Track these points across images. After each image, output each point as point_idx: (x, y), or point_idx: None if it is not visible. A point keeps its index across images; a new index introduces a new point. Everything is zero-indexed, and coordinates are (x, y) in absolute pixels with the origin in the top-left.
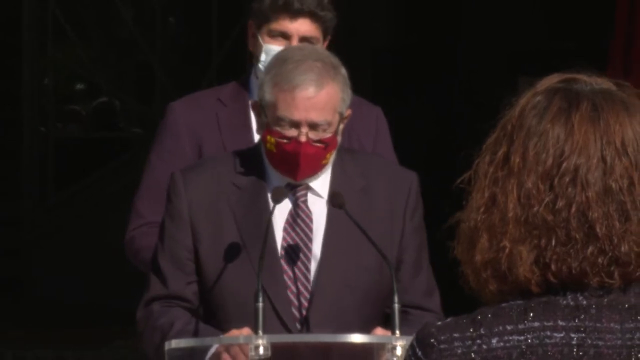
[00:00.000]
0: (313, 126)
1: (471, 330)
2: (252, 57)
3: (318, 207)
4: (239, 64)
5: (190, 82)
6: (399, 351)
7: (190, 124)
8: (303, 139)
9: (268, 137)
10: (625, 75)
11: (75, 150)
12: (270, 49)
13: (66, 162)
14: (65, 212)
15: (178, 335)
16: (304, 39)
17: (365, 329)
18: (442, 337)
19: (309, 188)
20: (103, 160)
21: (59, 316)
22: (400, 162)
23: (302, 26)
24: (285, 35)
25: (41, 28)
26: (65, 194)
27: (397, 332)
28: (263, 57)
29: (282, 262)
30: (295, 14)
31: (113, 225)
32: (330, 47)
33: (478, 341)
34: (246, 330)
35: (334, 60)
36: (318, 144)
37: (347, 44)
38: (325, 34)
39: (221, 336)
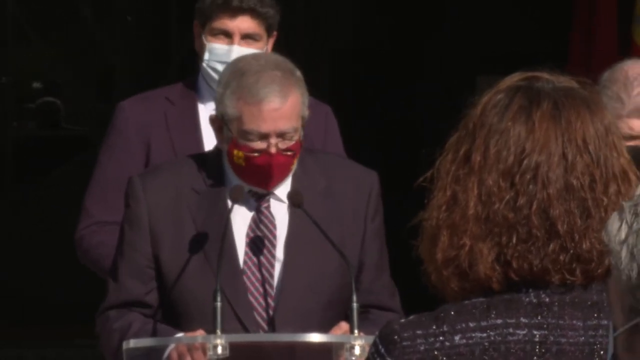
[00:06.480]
0: (281, 135)
1: (434, 327)
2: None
3: (281, 212)
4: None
5: (150, 80)
6: (357, 350)
7: (139, 122)
8: (273, 150)
9: (235, 152)
10: (586, 70)
11: (34, 149)
12: (213, 47)
13: (25, 160)
14: (24, 210)
15: (136, 336)
16: (246, 36)
17: (328, 331)
18: (405, 334)
19: (271, 193)
20: (63, 159)
21: (20, 314)
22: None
23: (242, 24)
24: (226, 34)
25: (0, 27)
26: (25, 192)
27: (356, 331)
28: (207, 55)
29: (245, 268)
30: (235, 12)
31: (72, 223)
32: (291, 47)
33: (441, 338)
34: (200, 332)
35: (290, 65)
36: (287, 153)
37: (308, 45)
38: (269, 30)
39: (180, 335)
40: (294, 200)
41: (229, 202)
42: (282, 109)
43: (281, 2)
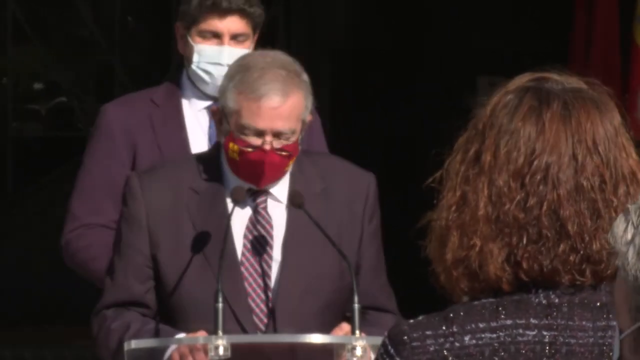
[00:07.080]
0: (277, 134)
1: (443, 328)
2: (182, 59)
3: (278, 213)
4: None
5: (150, 80)
6: (358, 351)
7: (123, 124)
8: (268, 147)
9: (231, 145)
10: (586, 70)
11: (34, 149)
12: (202, 49)
13: (25, 160)
14: (23, 210)
15: (136, 336)
16: (235, 37)
17: (326, 333)
18: (415, 335)
19: (268, 194)
20: (63, 159)
21: (19, 314)
22: (361, 164)
23: (231, 24)
24: (216, 35)
25: (0, 28)
26: (25, 192)
27: (357, 332)
28: (196, 57)
29: (243, 269)
30: (224, 13)
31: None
32: (291, 47)
33: (450, 339)
34: (202, 333)
35: (297, 66)
36: (282, 153)
37: (308, 45)
38: (254, 29)
39: (181, 336)
40: (295, 201)
41: (229, 203)
42: (281, 108)
43: (281, 2)
